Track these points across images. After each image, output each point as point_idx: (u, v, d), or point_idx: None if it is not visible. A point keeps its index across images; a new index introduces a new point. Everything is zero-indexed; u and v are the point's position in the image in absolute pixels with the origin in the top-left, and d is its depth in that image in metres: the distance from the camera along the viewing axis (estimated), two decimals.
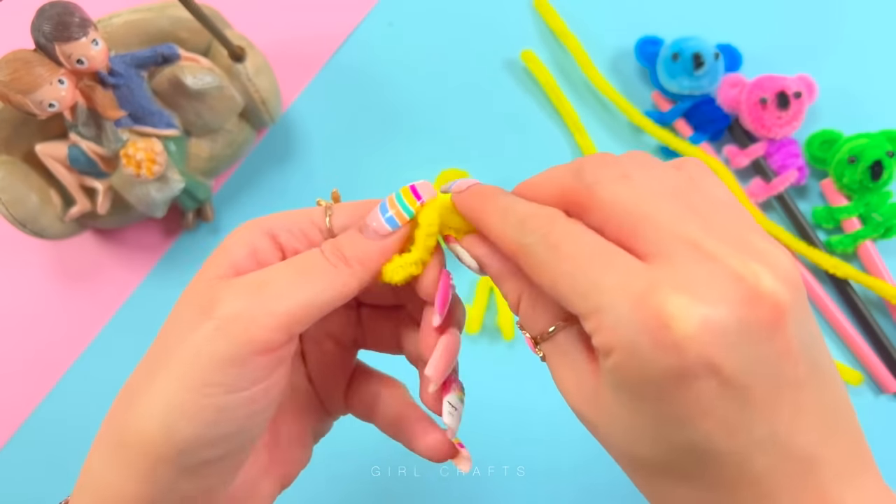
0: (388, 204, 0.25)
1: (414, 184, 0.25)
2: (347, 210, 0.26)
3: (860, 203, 0.48)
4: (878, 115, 0.50)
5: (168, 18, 0.46)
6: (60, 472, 0.49)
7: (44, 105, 0.40)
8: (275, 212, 0.54)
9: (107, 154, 0.44)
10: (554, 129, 0.52)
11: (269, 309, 0.22)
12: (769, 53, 0.51)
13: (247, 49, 0.46)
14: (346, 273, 0.24)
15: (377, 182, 0.51)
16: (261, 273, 0.23)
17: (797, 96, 0.48)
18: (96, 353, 0.49)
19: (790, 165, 0.49)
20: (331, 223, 0.25)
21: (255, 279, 0.23)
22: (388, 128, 0.52)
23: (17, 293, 0.50)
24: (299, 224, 0.25)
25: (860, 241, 0.48)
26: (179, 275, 0.50)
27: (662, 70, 0.50)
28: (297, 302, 0.23)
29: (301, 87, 0.53)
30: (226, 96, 0.46)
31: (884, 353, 0.47)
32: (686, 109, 0.50)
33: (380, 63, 0.53)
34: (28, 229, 0.44)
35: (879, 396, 0.47)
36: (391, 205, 0.25)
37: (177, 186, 0.45)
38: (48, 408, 0.49)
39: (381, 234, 0.25)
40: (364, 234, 0.25)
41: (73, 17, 0.39)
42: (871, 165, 0.46)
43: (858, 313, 0.48)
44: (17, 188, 0.43)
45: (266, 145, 0.52)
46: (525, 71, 0.52)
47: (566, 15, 0.52)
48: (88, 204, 0.46)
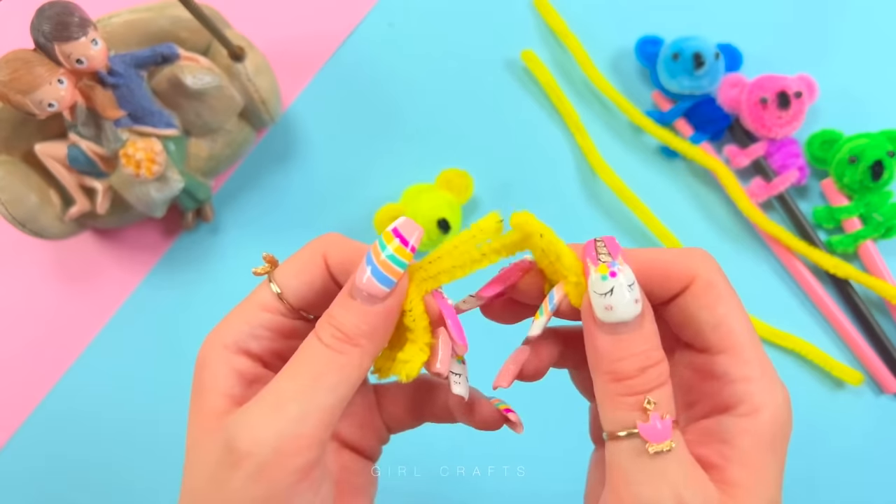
0: (374, 255, 0.22)
1: (396, 225, 0.22)
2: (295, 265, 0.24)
3: (861, 203, 0.48)
4: (878, 114, 0.50)
5: (168, 18, 0.46)
6: (61, 473, 0.49)
7: (43, 105, 0.40)
8: (274, 212, 0.54)
9: (106, 154, 0.44)
10: (554, 129, 0.51)
11: (295, 432, 0.21)
12: (770, 53, 0.51)
13: (246, 49, 0.46)
14: (356, 354, 0.22)
15: (377, 182, 0.50)
16: (268, 394, 0.22)
17: (798, 96, 0.48)
18: (96, 353, 0.49)
19: (791, 165, 0.49)
20: (282, 292, 0.24)
21: (267, 403, 0.21)
22: (388, 127, 0.52)
23: (16, 293, 0.50)
24: (257, 321, 0.24)
25: (861, 241, 0.48)
26: (179, 275, 0.50)
27: (663, 70, 0.50)
28: (318, 411, 0.21)
29: (301, 87, 0.53)
30: (225, 96, 0.45)
31: (884, 353, 0.47)
32: (686, 109, 0.50)
33: (380, 63, 0.53)
34: (27, 229, 0.44)
35: (880, 396, 0.47)
36: (376, 256, 0.22)
37: (176, 186, 0.45)
38: (48, 408, 0.49)
39: (378, 297, 0.22)
40: (357, 299, 0.22)
41: (72, 16, 0.39)
42: (872, 165, 0.46)
43: (859, 313, 0.47)
44: (16, 188, 0.43)
45: (266, 145, 0.52)
46: (525, 71, 0.52)
47: (566, 14, 0.52)
48: (88, 204, 0.46)
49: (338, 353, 0.22)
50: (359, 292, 0.22)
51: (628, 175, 0.50)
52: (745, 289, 0.48)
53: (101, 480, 0.47)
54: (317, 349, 0.22)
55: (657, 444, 0.21)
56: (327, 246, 0.25)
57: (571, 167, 0.51)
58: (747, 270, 0.49)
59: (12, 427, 0.48)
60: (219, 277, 0.50)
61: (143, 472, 0.48)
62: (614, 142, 0.51)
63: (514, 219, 0.23)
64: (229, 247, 0.50)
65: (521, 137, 0.51)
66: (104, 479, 0.47)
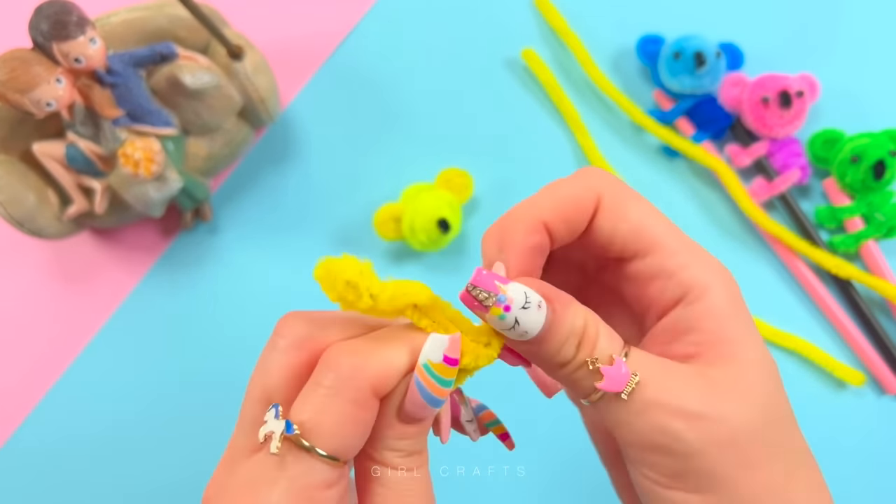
0: (425, 384, 0.22)
1: (446, 354, 0.22)
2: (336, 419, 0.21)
3: (863, 203, 0.47)
4: (880, 114, 0.50)
5: (166, 17, 0.46)
6: (57, 475, 0.49)
7: (41, 104, 0.40)
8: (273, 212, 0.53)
9: (105, 153, 0.44)
10: (555, 128, 0.51)
11: None
12: (771, 52, 0.51)
13: (245, 48, 0.46)
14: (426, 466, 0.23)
15: (376, 181, 0.50)
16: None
17: (799, 95, 0.48)
18: (94, 354, 0.49)
19: (792, 165, 0.48)
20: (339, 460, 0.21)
21: None
22: (388, 126, 0.52)
23: (14, 293, 0.50)
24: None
25: (863, 241, 0.47)
26: (177, 275, 0.50)
27: (664, 69, 0.49)
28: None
29: (300, 86, 0.52)
30: (224, 95, 0.45)
31: (886, 353, 0.47)
32: (688, 108, 0.50)
33: (379, 62, 0.53)
34: (25, 228, 0.44)
35: (882, 397, 0.47)
36: (428, 384, 0.22)
37: (175, 186, 0.45)
38: (45, 410, 0.48)
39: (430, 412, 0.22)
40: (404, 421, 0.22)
41: (70, 15, 0.39)
42: (874, 165, 0.46)
43: (861, 314, 0.47)
44: (14, 187, 0.43)
45: (265, 144, 0.52)
46: (526, 70, 0.52)
47: (567, 13, 0.52)
48: (86, 203, 0.46)
49: (416, 474, 0.23)
50: (407, 416, 0.22)
51: (629, 174, 0.50)
52: (746, 289, 0.48)
53: (100, 480, 0.47)
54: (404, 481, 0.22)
55: (626, 387, 0.21)
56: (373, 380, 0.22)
57: (572, 166, 0.51)
58: (749, 270, 0.49)
59: (10, 427, 0.48)
60: (217, 277, 0.50)
61: (141, 471, 0.47)
62: (615, 141, 0.51)
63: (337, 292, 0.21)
64: (228, 246, 0.50)
65: (522, 136, 0.51)
66: (102, 480, 0.47)
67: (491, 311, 0.21)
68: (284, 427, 0.20)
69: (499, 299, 0.21)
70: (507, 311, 0.21)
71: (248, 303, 0.49)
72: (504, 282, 0.21)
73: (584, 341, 0.22)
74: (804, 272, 0.48)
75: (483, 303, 0.21)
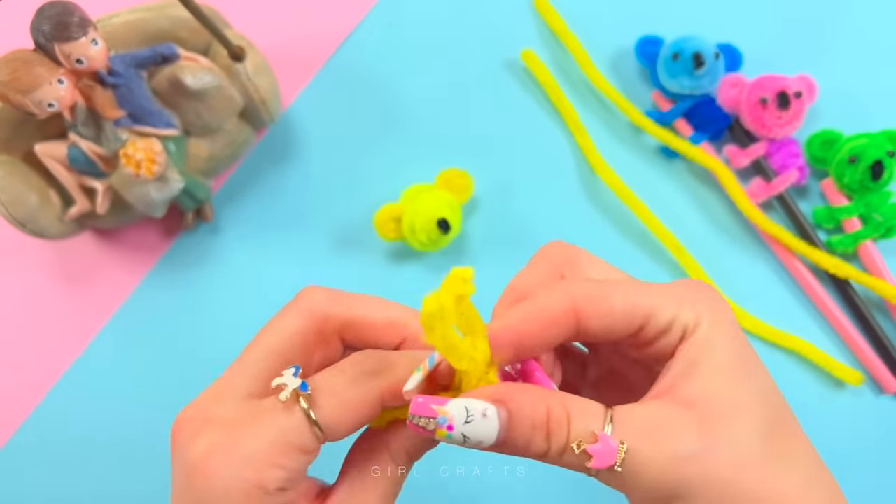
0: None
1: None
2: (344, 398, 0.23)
3: (861, 203, 0.48)
4: (878, 114, 0.50)
5: (167, 18, 0.46)
6: (58, 475, 0.49)
7: (43, 105, 0.40)
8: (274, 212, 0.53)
9: (106, 154, 0.44)
10: (554, 129, 0.51)
11: None
12: (769, 53, 0.51)
13: (246, 49, 0.46)
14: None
15: (376, 181, 0.50)
16: None
17: (797, 96, 0.48)
18: (96, 354, 0.49)
19: (790, 165, 0.49)
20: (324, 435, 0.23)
21: None
22: (388, 127, 0.52)
23: (15, 293, 0.50)
24: (293, 465, 0.23)
25: (861, 242, 0.48)
26: (179, 275, 0.50)
27: (663, 70, 0.49)
28: None
29: (301, 87, 0.53)
30: (225, 96, 0.45)
31: (884, 353, 0.47)
32: (686, 109, 0.50)
33: (380, 63, 0.53)
34: (28, 229, 0.44)
35: (880, 397, 0.47)
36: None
37: (176, 186, 0.45)
38: (47, 410, 0.48)
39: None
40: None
41: (72, 16, 0.39)
42: (872, 165, 0.46)
43: (859, 313, 0.47)
44: (16, 188, 0.43)
45: (266, 145, 0.52)
46: (525, 71, 0.52)
47: (566, 14, 0.52)
48: (88, 204, 0.46)
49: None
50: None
51: (628, 175, 0.50)
52: (744, 289, 0.48)
53: (101, 481, 0.47)
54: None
55: (617, 460, 0.21)
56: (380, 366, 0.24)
57: (571, 167, 0.51)
58: (747, 270, 0.49)
59: (12, 428, 0.48)
60: (219, 277, 0.50)
61: (142, 473, 0.47)
62: (614, 142, 0.51)
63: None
64: (229, 247, 0.50)
65: (522, 137, 0.51)
66: (104, 480, 0.47)
67: (436, 433, 0.21)
68: (300, 385, 0.22)
69: (438, 422, 0.21)
70: (451, 430, 0.21)
71: (250, 302, 0.49)
72: (441, 403, 0.21)
73: (552, 430, 0.21)
74: (802, 272, 0.48)
75: (426, 428, 0.21)
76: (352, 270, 0.49)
